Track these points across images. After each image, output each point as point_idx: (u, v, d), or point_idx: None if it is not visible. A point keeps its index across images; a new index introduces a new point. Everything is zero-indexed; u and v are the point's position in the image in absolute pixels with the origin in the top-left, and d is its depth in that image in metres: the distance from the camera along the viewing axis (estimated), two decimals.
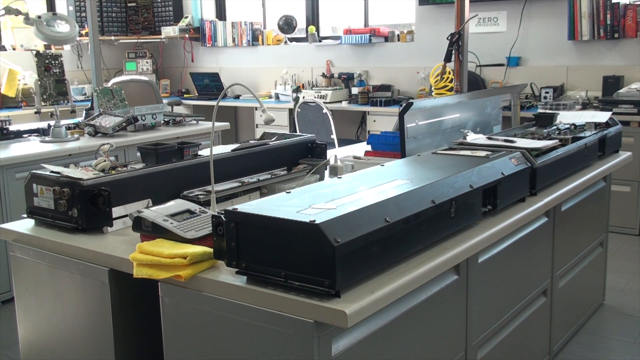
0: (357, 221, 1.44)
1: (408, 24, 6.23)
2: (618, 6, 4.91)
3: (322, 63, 6.52)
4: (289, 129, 5.94)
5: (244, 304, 1.46)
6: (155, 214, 1.72)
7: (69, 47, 6.66)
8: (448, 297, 1.88)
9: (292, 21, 6.78)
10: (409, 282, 1.52)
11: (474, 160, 2.12)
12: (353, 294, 1.39)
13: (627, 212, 4.55)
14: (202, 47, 7.39)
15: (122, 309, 1.75)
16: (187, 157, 2.18)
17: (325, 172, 2.47)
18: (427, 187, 1.74)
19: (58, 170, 1.94)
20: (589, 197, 2.90)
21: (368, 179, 1.83)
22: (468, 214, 1.88)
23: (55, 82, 3.94)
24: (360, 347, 1.52)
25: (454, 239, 1.80)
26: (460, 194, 1.80)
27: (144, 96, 4.58)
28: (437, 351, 1.88)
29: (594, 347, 2.91)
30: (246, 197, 2.15)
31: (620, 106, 4.48)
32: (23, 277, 1.97)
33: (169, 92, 7.32)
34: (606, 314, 3.26)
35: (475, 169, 1.98)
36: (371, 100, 5.75)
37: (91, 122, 3.82)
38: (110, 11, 7.16)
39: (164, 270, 1.55)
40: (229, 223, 1.46)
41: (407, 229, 1.59)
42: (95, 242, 1.80)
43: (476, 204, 1.92)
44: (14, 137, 3.80)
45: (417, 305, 1.75)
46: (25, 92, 5.60)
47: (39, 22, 3.73)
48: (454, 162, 2.11)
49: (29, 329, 2.00)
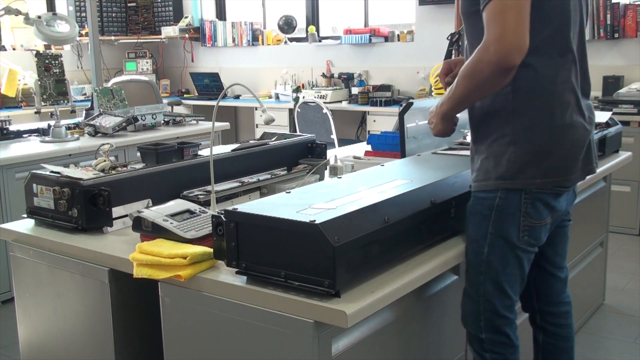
0: (357, 221, 1.44)
1: (408, 24, 6.23)
2: (618, 6, 4.91)
3: (322, 63, 6.52)
4: (289, 129, 5.93)
5: (244, 304, 1.46)
6: (155, 214, 1.72)
7: (69, 47, 6.66)
8: (448, 297, 1.88)
9: (292, 21, 6.78)
10: (409, 282, 1.53)
11: None
12: (353, 294, 1.39)
13: (627, 212, 4.55)
14: (202, 47, 7.38)
15: (122, 309, 1.75)
16: (187, 157, 2.18)
17: (325, 172, 2.47)
18: (427, 187, 1.74)
19: (58, 170, 1.94)
20: (589, 197, 2.89)
21: (368, 179, 1.83)
22: None
23: (55, 82, 3.94)
24: (360, 347, 1.52)
25: (454, 239, 1.80)
26: (460, 194, 1.80)
27: (144, 96, 4.57)
28: (437, 351, 1.88)
29: (594, 347, 2.91)
30: (246, 197, 2.15)
31: (620, 106, 4.48)
32: (23, 277, 1.97)
33: (169, 92, 7.32)
34: (606, 314, 3.26)
35: None
36: (371, 100, 5.75)
37: (91, 122, 3.81)
38: (110, 11, 7.16)
39: (164, 270, 1.55)
40: (229, 223, 1.46)
41: (407, 229, 1.59)
42: (95, 242, 1.80)
43: None
44: (14, 137, 3.80)
45: (417, 305, 1.75)
46: (25, 92, 5.60)
47: (39, 22, 3.73)
48: (454, 162, 2.11)
49: (29, 329, 2.00)
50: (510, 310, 1.76)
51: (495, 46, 1.49)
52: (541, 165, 1.63)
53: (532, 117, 1.62)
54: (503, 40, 1.48)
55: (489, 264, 1.71)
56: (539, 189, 1.64)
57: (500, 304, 1.74)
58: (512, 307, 1.77)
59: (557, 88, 1.63)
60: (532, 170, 1.63)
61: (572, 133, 1.64)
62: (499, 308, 1.74)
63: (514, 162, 1.63)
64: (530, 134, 1.62)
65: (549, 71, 1.62)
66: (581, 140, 1.67)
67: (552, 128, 1.62)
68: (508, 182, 1.64)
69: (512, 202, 1.65)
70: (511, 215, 1.66)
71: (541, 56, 1.61)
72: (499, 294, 1.73)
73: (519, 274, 1.74)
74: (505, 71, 1.51)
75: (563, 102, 1.63)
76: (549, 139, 1.63)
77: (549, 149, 1.63)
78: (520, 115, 1.63)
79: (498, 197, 1.66)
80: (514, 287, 1.75)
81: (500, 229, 1.68)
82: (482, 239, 1.71)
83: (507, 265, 1.71)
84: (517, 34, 1.48)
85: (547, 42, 1.62)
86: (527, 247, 1.70)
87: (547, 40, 1.62)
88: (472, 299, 1.77)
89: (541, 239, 1.73)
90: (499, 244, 1.69)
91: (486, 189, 1.68)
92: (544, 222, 1.70)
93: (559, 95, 1.63)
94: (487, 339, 1.76)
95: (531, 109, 1.62)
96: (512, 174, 1.64)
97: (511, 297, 1.75)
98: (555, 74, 1.63)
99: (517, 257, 1.71)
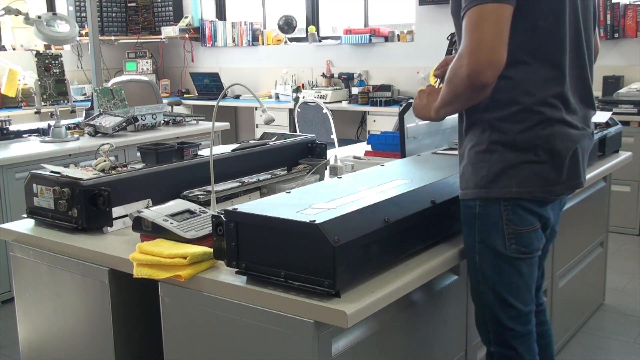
0: (357, 221, 1.44)
1: (408, 24, 6.23)
2: (618, 6, 4.91)
3: (322, 63, 6.52)
4: (289, 129, 5.93)
5: (244, 304, 1.46)
6: (155, 214, 1.72)
7: (69, 47, 6.65)
8: (448, 297, 1.88)
9: (292, 21, 6.77)
10: (409, 282, 1.53)
11: None
12: (353, 294, 1.39)
13: (627, 212, 4.55)
14: (202, 47, 7.38)
15: (122, 309, 1.75)
16: (187, 157, 2.18)
17: (325, 172, 2.47)
18: (427, 187, 1.74)
19: (58, 170, 1.94)
20: (589, 197, 2.90)
21: (368, 179, 1.83)
22: None
23: (55, 82, 3.94)
24: (360, 347, 1.52)
25: (454, 239, 1.80)
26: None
27: (144, 96, 4.57)
28: (437, 351, 1.88)
29: (594, 347, 2.91)
30: (246, 197, 2.15)
31: (620, 106, 4.48)
32: (23, 277, 1.97)
33: (169, 92, 7.32)
34: (606, 314, 3.26)
35: None
36: (371, 100, 5.75)
37: (91, 122, 3.81)
38: (110, 11, 7.16)
39: (164, 270, 1.55)
40: (229, 223, 1.46)
41: (407, 229, 1.59)
42: (95, 242, 1.80)
43: None
44: (14, 137, 3.80)
45: (417, 305, 1.75)
46: (25, 92, 5.60)
47: (39, 22, 3.73)
48: (454, 162, 2.10)
49: (29, 329, 2.00)
50: (518, 321, 1.68)
51: (467, 60, 1.44)
52: (516, 176, 1.56)
53: (508, 128, 1.56)
54: (475, 55, 1.42)
55: (483, 273, 1.66)
56: (516, 197, 1.58)
57: (504, 315, 1.67)
58: (521, 317, 1.68)
59: (537, 100, 1.56)
60: (506, 180, 1.57)
61: (551, 144, 1.56)
62: (503, 319, 1.67)
63: (488, 170, 1.58)
64: (505, 145, 1.57)
65: (530, 85, 1.56)
66: (562, 153, 1.58)
67: (528, 140, 1.56)
68: (483, 191, 1.60)
69: (492, 210, 1.60)
70: (493, 224, 1.61)
71: (523, 68, 1.55)
72: (500, 304, 1.67)
73: (519, 282, 1.66)
74: (478, 87, 1.46)
75: (543, 114, 1.56)
76: (523, 150, 1.56)
77: (524, 159, 1.56)
78: (497, 125, 1.57)
79: (478, 206, 1.62)
80: (518, 296, 1.66)
81: (485, 237, 1.63)
82: (473, 248, 1.67)
83: (502, 274, 1.64)
84: (491, 48, 1.42)
85: (531, 55, 1.55)
86: (518, 255, 1.62)
87: (532, 53, 1.55)
88: (479, 310, 1.74)
89: (534, 245, 1.65)
90: (487, 253, 1.64)
91: (466, 197, 1.65)
92: (531, 227, 1.62)
93: (539, 108, 1.56)
94: (496, 352, 1.71)
95: (508, 121, 1.56)
96: (487, 183, 1.59)
97: (516, 306, 1.66)
98: (537, 86, 1.56)
99: (511, 265, 1.64)
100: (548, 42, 1.57)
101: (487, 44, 1.42)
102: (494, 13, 1.42)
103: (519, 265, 1.65)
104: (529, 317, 1.70)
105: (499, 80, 1.49)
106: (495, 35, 1.42)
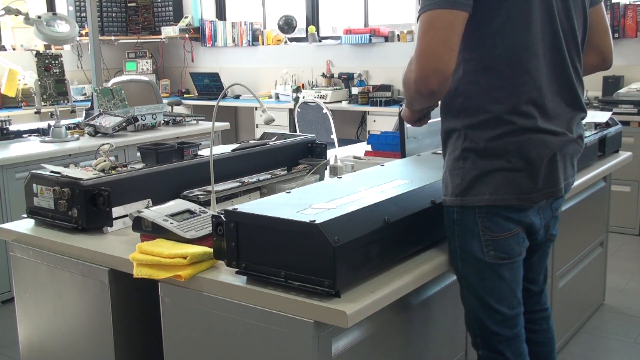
0: (357, 221, 1.44)
1: (408, 24, 6.23)
2: (618, 6, 4.91)
3: (322, 63, 6.52)
4: (289, 129, 5.93)
5: (244, 304, 1.46)
6: (155, 214, 1.72)
7: (69, 47, 6.65)
8: (448, 297, 1.88)
9: (292, 21, 6.77)
10: (409, 282, 1.53)
11: None
12: (353, 294, 1.39)
13: (627, 212, 4.55)
14: (202, 47, 7.38)
15: (122, 309, 1.75)
16: (187, 157, 2.18)
17: (325, 172, 2.47)
18: (427, 187, 1.74)
19: (58, 170, 1.94)
20: (589, 197, 2.90)
21: (368, 179, 1.83)
22: None
23: (55, 82, 3.94)
24: (360, 347, 1.52)
25: None
26: None
27: (144, 96, 4.57)
28: (437, 351, 1.88)
29: (594, 347, 2.91)
30: (246, 197, 2.15)
31: (620, 106, 4.48)
32: (23, 277, 1.97)
33: (169, 92, 7.32)
34: (606, 314, 3.26)
35: None
36: (371, 100, 5.75)
37: (91, 122, 3.81)
38: (110, 11, 7.16)
39: (164, 270, 1.55)
40: (229, 223, 1.46)
41: (407, 229, 1.59)
42: (95, 242, 1.80)
43: None
44: (14, 137, 3.80)
45: (417, 305, 1.75)
46: (25, 92, 5.60)
47: (39, 22, 3.73)
48: None
49: (29, 329, 2.00)
50: (504, 325, 1.66)
51: (415, 66, 1.42)
52: (489, 183, 1.55)
53: (478, 136, 1.54)
54: (421, 62, 1.41)
55: (466, 278, 1.66)
56: (489, 205, 1.56)
57: (489, 319, 1.66)
58: (506, 322, 1.66)
59: (508, 109, 1.52)
60: (479, 187, 1.55)
61: (524, 152, 1.53)
62: (489, 324, 1.66)
63: (462, 178, 1.57)
64: (477, 152, 1.55)
65: (500, 92, 1.52)
66: (536, 160, 1.54)
67: (499, 147, 1.53)
68: (459, 199, 1.59)
69: (467, 217, 1.59)
70: (470, 231, 1.60)
71: (492, 74, 1.52)
72: (485, 309, 1.66)
73: (502, 287, 1.64)
74: (426, 94, 1.45)
75: (514, 124, 1.52)
76: (495, 157, 1.54)
77: (496, 167, 1.54)
78: (468, 133, 1.56)
79: (455, 212, 1.61)
80: (502, 301, 1.65)
81: (464, 243, 1.62)
82: (454, 254, 1.66)
83: (484, 280, 1.63)
84: (437, 55, 1.39)
85: (499, 60, 1.51)
86: (497, 262, 1.60)
87: (499, 58, 1.51)
88: (466, 314, 1.73)
89: (515, 250, 1.62)
90: (468, 259, 1.63)
91: (445, 204, 1.64)
92: (509, 233, 1.59)
93: (509, 117, 1.52)
94: (484, 356, 1.71)
95: (478, 129, 1.54)
96: (462, 191, 1.58)
97: (500, 311, 1.65)
98: (507, 94, 1.52)
99: (492, 271, 1.62)
100: (515, 46, 1.51)
101: (433, 52, 1.40)
102: (444, 19, 1.40)
103: (500, 271, 1.63)
104: (515, 320, 1.69)
105: (470, 85, 1.48)
106: (442, 43, 1.40)
